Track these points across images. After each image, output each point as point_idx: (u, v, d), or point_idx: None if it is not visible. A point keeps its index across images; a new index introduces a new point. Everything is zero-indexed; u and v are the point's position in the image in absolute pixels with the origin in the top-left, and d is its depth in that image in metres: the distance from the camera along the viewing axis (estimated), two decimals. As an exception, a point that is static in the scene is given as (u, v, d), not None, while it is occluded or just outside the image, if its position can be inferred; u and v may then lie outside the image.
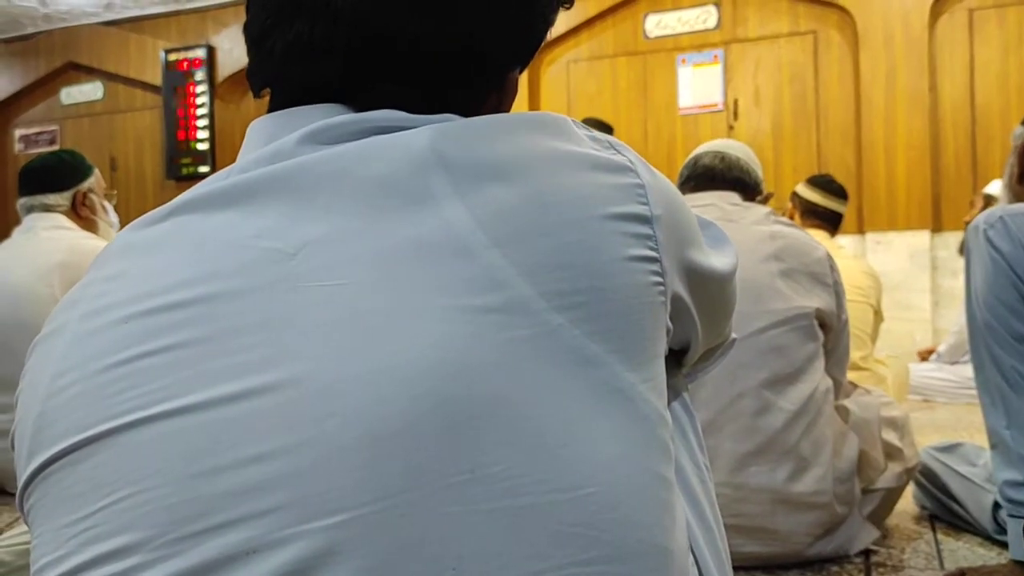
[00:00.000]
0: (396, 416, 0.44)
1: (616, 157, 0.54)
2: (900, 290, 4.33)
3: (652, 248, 0.52)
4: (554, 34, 0.68)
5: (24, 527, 1.53)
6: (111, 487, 0.46)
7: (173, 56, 5.81)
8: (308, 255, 0.48)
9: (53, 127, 6.42)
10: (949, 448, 1.93)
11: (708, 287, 0.61)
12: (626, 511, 0.47)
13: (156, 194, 5.95)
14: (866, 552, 1.68)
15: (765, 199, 1.84)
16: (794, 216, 2.83)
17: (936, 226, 4.40)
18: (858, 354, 2.57)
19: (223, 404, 0.45)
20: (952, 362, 3.71)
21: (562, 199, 0.50)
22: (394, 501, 0.43)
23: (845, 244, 3.89)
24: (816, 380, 1.57)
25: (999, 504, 1.64)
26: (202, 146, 5.77)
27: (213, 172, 0.56)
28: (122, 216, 2.57)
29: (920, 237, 4.37)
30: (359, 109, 0.54)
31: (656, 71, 4.95)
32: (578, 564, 0.45)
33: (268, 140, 0.54)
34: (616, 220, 0.51)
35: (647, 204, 0.53)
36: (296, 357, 0.46)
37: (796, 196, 2.85)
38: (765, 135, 4.71)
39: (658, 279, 0.52)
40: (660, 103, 4.94)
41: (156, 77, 5.91)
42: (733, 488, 1.52)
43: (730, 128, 4.76)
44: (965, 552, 1.70)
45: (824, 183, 2.83)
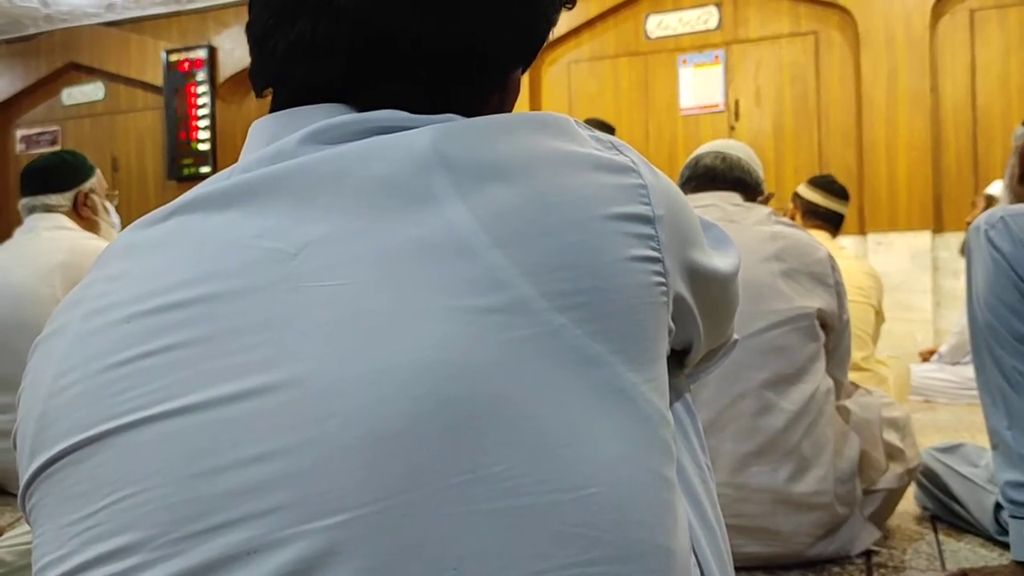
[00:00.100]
0: (397, 416, 0.44)
1: (618, 157, 0.54)
2: (901, 291, 4.33)
3: (654, 248, 0.52)
4: (555, 35, 0.68)
5: (26, 527, 1.53)
6: (112, 487, 0.46)
7: (174, 56, 5.82)
8: (309, 255, 0.48)
9: (54, 127, 6.42)
10: (950, 449, 1.93)
11: (710, 288, 0.61)
12: (628, 511, 0.47)
13: (157, 194, 5.96)
14: (867, 553, 1.68)
15: (766, 199, 1.84)
16: (795, 217, 2.82)
17: (937, 227, 4.40)
18: (859, 355, 2.57)
19: (224, 404, 0.45)
20: (953, 363, 3.71)
21: (564, 199, 0.50)
22: (395, 501, 0.43)
23: (846, 245, 3.89)
24: (817, 380, 1.57)
25: (1000, 505, 1.64)
26: (203, 146, 5.78)
27: (214, 172, 0.56)
28: (123, 216, 2.57)
29: (921, 238, 4.37)
30: (361, 109, 0.54)
31: (657, 72, 4.95)
32: (580, 564, 0.45)
33: (270, 140, 0.54)
34: (618, 220, 0.51)
35: (649, 204, 0.53)
36: (297, 357, 0.46)
37: (797, 197, 2.84)
38: (766, 136, 4.71)
39: (660, 279, 0.52)
40: (661, 104, 4.94)
41: (157, 77, 5.91)
42: (734, 488, 1.52)
43: (731, 129, 4.76)
44: (967, 553, 1.69)
45: (825, 184, 2.83)
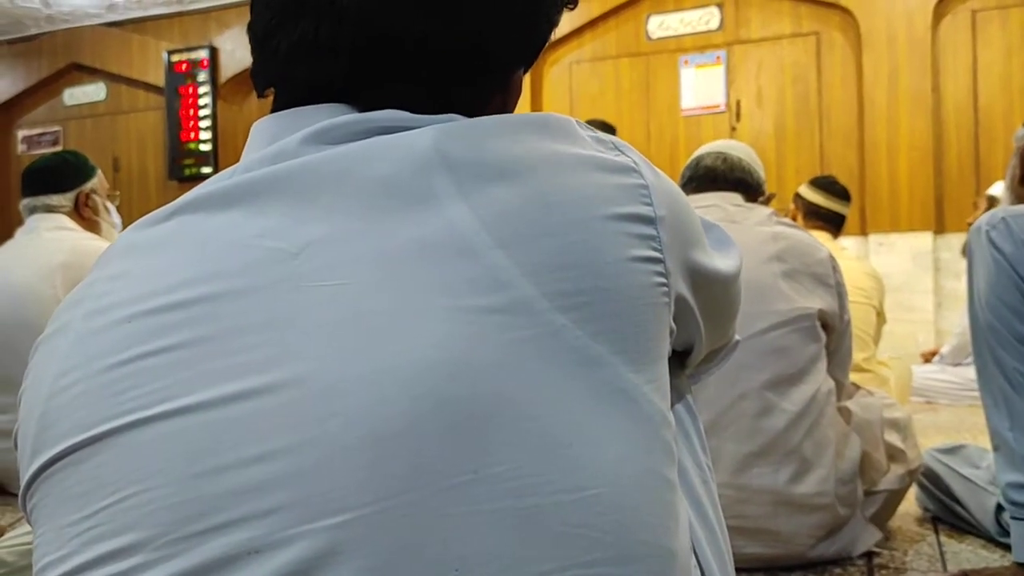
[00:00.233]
0: (398, 416, 0.44)
1: (620, 158, 0.54)
2: (903, 291, 4.33)
3: (656, 249, 0.52)
4: (557, 35, 0.69)
5: (26, 527, 1.53)
6: (114, 486, 0.46)
7: (176, 57, 5.82)
8: (311, 255, 0.48)
9: (56, 128, 6.43)
10: (952, 450, 1.93)
11: (712, 288, 0.61)
12: (629, 512, 0.47)
13: (159, 195, 5.96)
14: (868, 554, 1.68)
15: (767, 200, 1.84)
16: (797, 217, 2.82)
17: (939, 227, 4.39)
18: (861, 355, 2.56)
19: (226, 404, 0.45)
20: (955, 364, 3.70)
21: (566, 199, 0.50)
22: (396, 501, 0.43)
23: (848, 245, 3.89)
24: (818, 381, 1.57)
25: (1002, 506, 1.64)
26: (205, 147, 5.78)
27: (216, 173, 0.56)
28: (124, 217, 2.57)
29: (923, 238, 4.37)
30: (363, 109, 0.54)
31: (658, 72, 4.95)
32: (581, 565, 0.45)
33: (272, 140, 0.54)
34: (620, 221, 0.51)
35: (651, 205, 0.53)
36: (299, 357, 0.46)
37: (799, 197, 2.84)
38: (768, 136, 4.71)
39: (661, 280, 0.52)
40: (662, 104, 4.94)
41: (159, 78, 5.91)
42: (735, 489, 1.52)
43: (732, 129, 4.76)
44: (968, 554, 1.69)
45: (827, 184, 2.83)
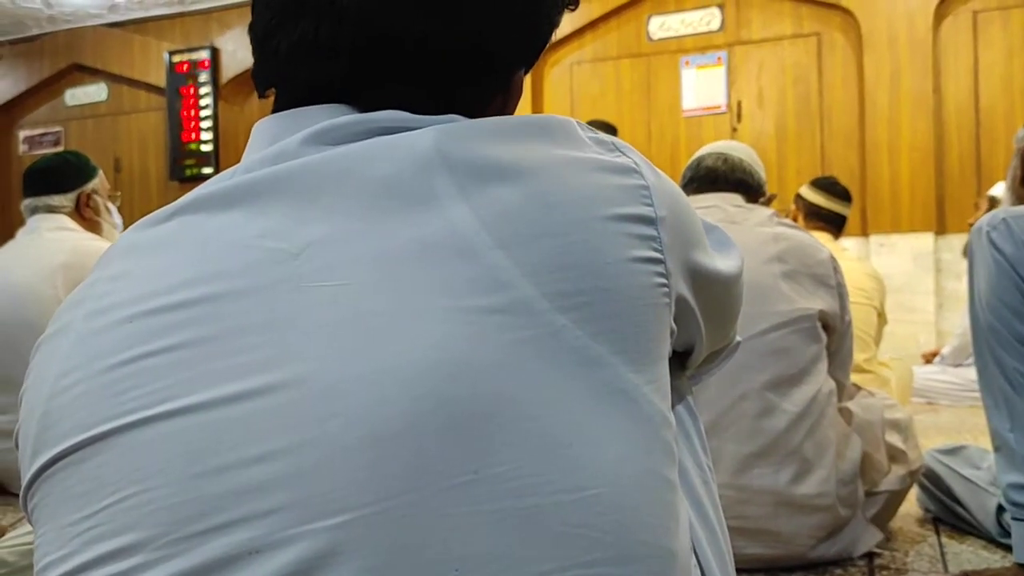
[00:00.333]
0: (399, 417, 0.44)
1: (620, 159, 0.54)
2: (904, 292, 4.32)
3: (656, 249, 0.52)
4: (558, 36, 0.69)
5: (27, 527, 1.53)
6: (114, 486, 0.46)
7: (177, 58, 5.83)
8: (311, 255, 0.48)
9: (57, 128, 6.43)
10: (953, 451, 1.93)
11: (712, 289, 0.61)
12: (630, 512, 0.47)
13: (160, 195, 5.96)
14: (869, 555, 1.68)
15: (768, 201, 1.84)
16: (797, 218, 2.82)
17: (940, 228, 4.39)
18: (862, 356, 2.56)
19: (226, 404, 0.46)
20: (956, 365, 3.70)
21: (566, 200, 0.50)
22: (397, 502, 0.43)
23: (849, 246, 3.89)
24: (819, 382, 1.57)
25: (1003, 507, 1.64)
26: (206, 147, 5.78)
27: (217, 173, 0.56)
28: (126, 217, 2.57)
29: (924, 239, 4.37)
30: (364, 109, 0.54)
31: (660, 73, 4.95)
32: (581, 566, 0.45)
33: (272, 140, 0.54)
34: (620, 221, 0.51)
35: (651, 205, 0.53)
36: (299, 357, 0.46)
37: (800, 198, 2.84)
38: (769, 137, 4.71)
39: (662, 280, 0.52)
40: (663, 105, 4.94)
41: (160, 79, 5.92)
42: (736, 490, 1.52)
43: (733, 130, 4.76)
44: (969, 555, 1.69)
45: (828, 185, 2.82)
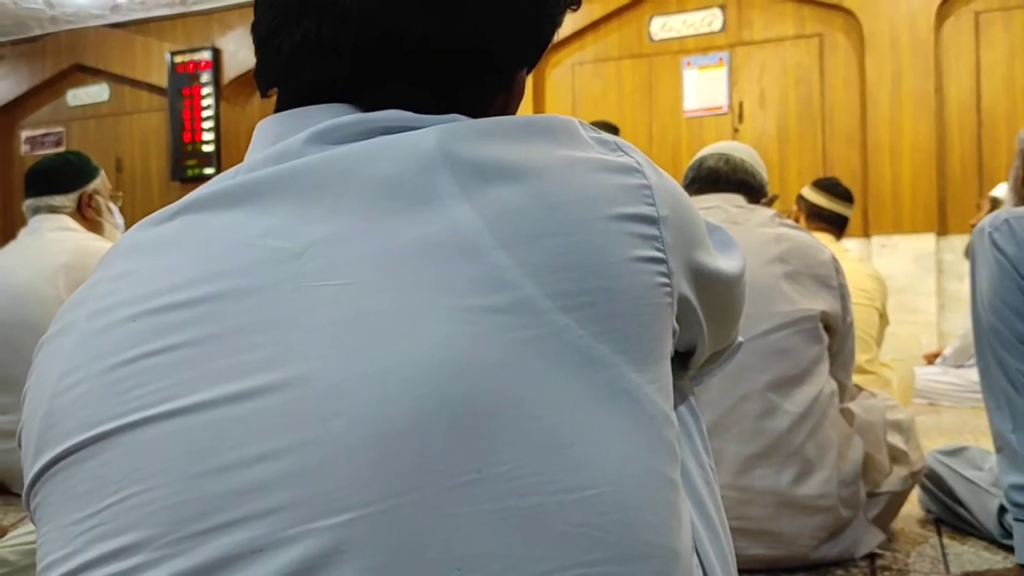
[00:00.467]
0: (401, 416, 0.44)
1: (622, 158, 0.54)
2: (905, 293, 4.32)
3: (659, 249, 0.52)
4: (559, 36, 0.69)
5: (29, 527, 1.53)
6: (117, 485, 0.46)
7: (179, 58, 5.83)
8: (314, 255, 0.48)
9: (59, 129, 6.44)
10: (955, 452, 1.93)
11: (715, 289, 0.61)
12: (632, 512, 0.47)
13: (161, 196, 5.96)
14: (871, 556, 1.68)
15: (770, 201, 1.84)
16: (799, 219, 2.82)
17: (942, 229, 4.39)
18: (863, 357, 2.56)
19: (228, 403, 0.46)
20: (957, 366, 3.70)
21: (569, 199, 0.50)
22: (400, 501, 0.43)
23: (850, 247, 3.88)
24: (821, 383, 1.57)
25: (1004, 508, 1.64)
26: (207, 148, 5.78)
27: (218, 174, 0.56)
28: (127, 217, 2.57)
29: (926, 240, 4.36)
30: (366, 109, 0.54)
31: (661, 74, 4.95)
32: (583, 565, 0.45)
33: (275, 140, 0.54)
34: (623, 221, 0.51)
35: (654, 205, 0.53)
36: (302, 356, 0.46)
37: (801, 199, 2.84)
38: (770, 138, 4.70)
39: (664, 280, 0.52)
40: (665, 106, 4.94)
41: (162, 79, 5.92)
42: (738, 491, 1.52)
43: (735, 131, 4.76)
44: (970, 556, 1.69)
45: (830, 186, 2.82)
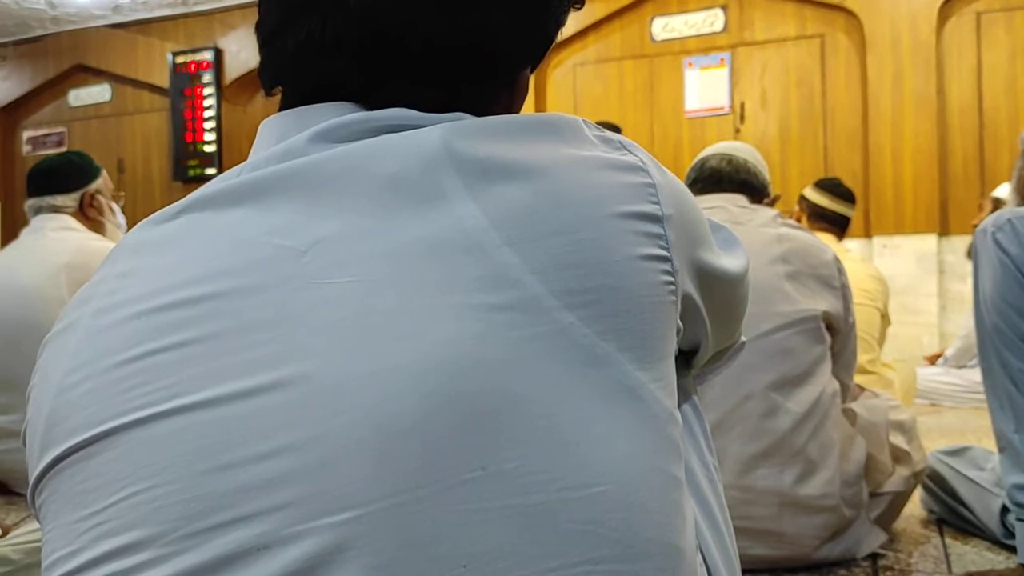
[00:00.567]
0: (407, 413, 0.44)
1: (627, 157, 0.54)
2: (907, 294, 4.32)
3: (663, 247, 0.52)
4: (561, 37, 0.69)
5: (31, 526, 1.54)
6: (122, 483, 0.46)
7: (180, 58, 5.83)
8: (319, 253, 0.48)
9: (61, 129, 6.44)
10: (957, 452, 1.93)
11: (718, 288, 0.61)
12: (637, 509, 0.47)
13: (163, 196, 5.97)
14: (873, 556, 1.68)
15: (772, 201, 1.84)
16: (801, 219, 2.82)
17: (943, 230, 4.39)
18: (865, 358, 2.56)
19: (234, 400, 0.46)
20: (959, 366, 3.70)
21: (574, 198, 0.50)
22: (405, 498, 0.43)
23: (852, 248, 3.88)
24: (823, 383, 1.57)
25: (1007, 508, 1.64)
26: (209, 148, 5.79)
27: (220, 174, 0.56)
28: (129, 217, 2.57)
29: (927, 241, 4.36)
30: (371, 107, 0.54)
31: (663, 74, 4.95)
32: (588, 562, 0.45)
33: (280, 138, 0.54)
34: (627, 219, 0.51)
35: (658, 203, 0.53)
36: (306, 354, 0.46)
37: (803, 200, 2.84)
38: (772, 139, 4.70)
39: (669, 278, 0.52)
40: (666, 106, 4.94)
41: (164, 79, 5.93)
42: (740, 490, 1.52)
43: (736, 131, 4.76)
44: (973, 556, 1.69)
45: (832, 187, 2.82)
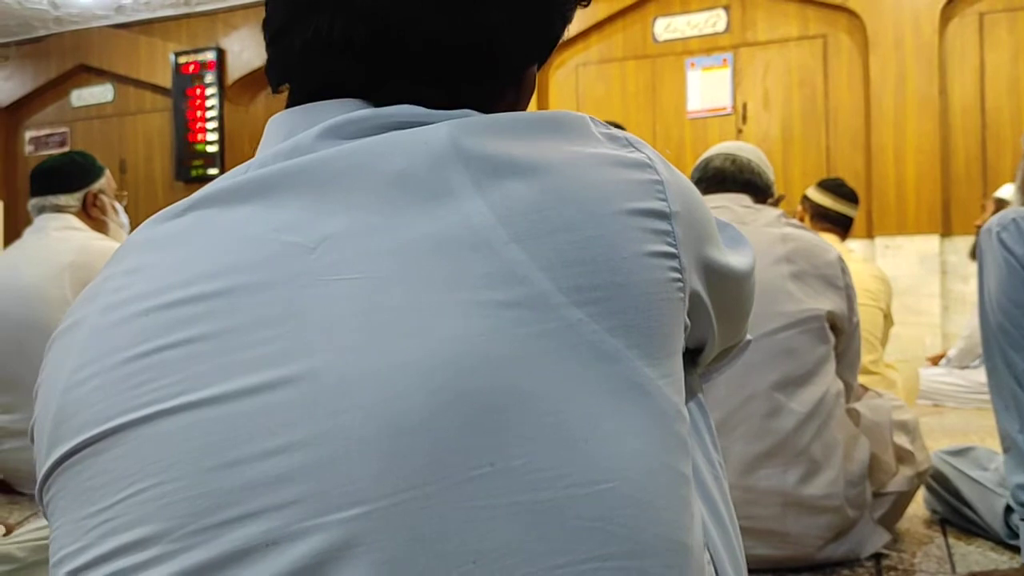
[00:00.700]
0: (415, 410, 0.44)
1: (634, 154, 0.54)
2: (910, 294, 4.32)
3: (670, 244, 0.52)
4: (563, 37, 0.69)
5: (36, 523, 1.54)
6: (130, 479, 0.46)
7: (183, 59, 5.84)
8: (327, 249, 0.48)
9: (63, 129, 6.45)
10: (961, 452, 1.93)
11: (725, 285, 0.61)
12: (645, 506, 0.47)
13: (165, 195, 5.98)
14: (877, 556, 1.68)
15: (776, 201, 1.83)
16: (804, 220, 2.82)
17: (946, 230, 4.38)
18: (868, 358, 2.56)
19: (241, 397, 0.46)
20: (962, 367, 3.69)
21: (581, 195, 0.50)
22: (413, 494, 0.43)
23: (855, 248, 3.88)
24: (827, 383, 1.57)
25: (1011, 508, 1.64)
26: (211, 148, 5.80)
27: (222, 174, 0.56)
28: (132, 217, 2.58)
29: (930, 241, 4.36)
30: (378, 104, 0.54)
31: (665, 74, 4.95)
32: (596, 559, 0.45)
33: (287, 135, 0.54)
34: (635, 216, 0.51)
35: (665, 200, 0.53)
36: (314, 351, 0.46)
37: (807, 200, 2.84)
38: (774, 139, 4.70)
39: (676, 275, 0.52)
40: (669, 106, 4.94)
41: (166, 79, 5.94)
42: (744, 490, 1.52)
43: (739, 132, 4.76)
44: (976, 556, 1.69)
45: (835, 187, 2.82)
